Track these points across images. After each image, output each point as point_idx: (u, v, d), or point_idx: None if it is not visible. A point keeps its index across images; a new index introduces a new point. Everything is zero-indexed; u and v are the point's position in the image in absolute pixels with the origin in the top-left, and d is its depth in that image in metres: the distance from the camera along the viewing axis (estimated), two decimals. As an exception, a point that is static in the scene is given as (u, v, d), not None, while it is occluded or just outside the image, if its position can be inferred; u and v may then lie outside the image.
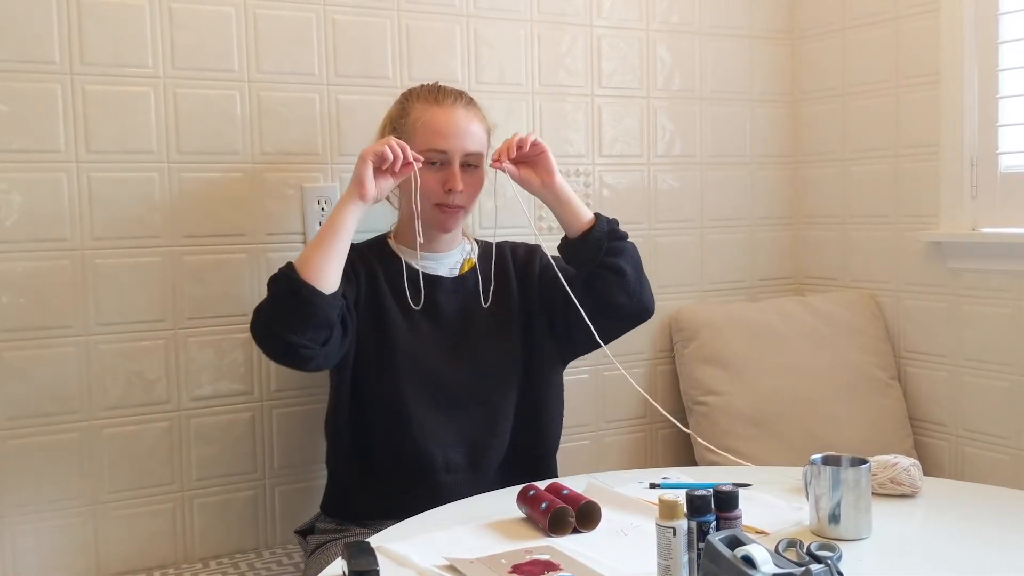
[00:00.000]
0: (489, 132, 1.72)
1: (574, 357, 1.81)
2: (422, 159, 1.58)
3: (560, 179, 1.65)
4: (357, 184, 1.53)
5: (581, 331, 1.65)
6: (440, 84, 1.73)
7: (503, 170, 1.63)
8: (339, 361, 1.60)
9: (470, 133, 1.65)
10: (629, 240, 1.69)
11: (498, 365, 1.69)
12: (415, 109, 1.67)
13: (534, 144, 1.62)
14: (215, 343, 1.82)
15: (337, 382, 1.66)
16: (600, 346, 1.67)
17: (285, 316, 1.47)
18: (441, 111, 1.65)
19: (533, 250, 1.80)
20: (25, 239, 1.66)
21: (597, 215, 1.67)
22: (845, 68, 2.36)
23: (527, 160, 1.65)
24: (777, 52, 2.45)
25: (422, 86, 1.72)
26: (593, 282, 1.65)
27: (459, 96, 1.69)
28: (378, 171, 1.55)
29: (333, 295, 1.49)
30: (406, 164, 1.55)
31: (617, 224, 1.69)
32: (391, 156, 1.53)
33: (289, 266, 1.51)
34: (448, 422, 1.64)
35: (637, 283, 1.67)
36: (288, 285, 1.48)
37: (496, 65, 2.07)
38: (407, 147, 1.56)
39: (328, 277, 1.49)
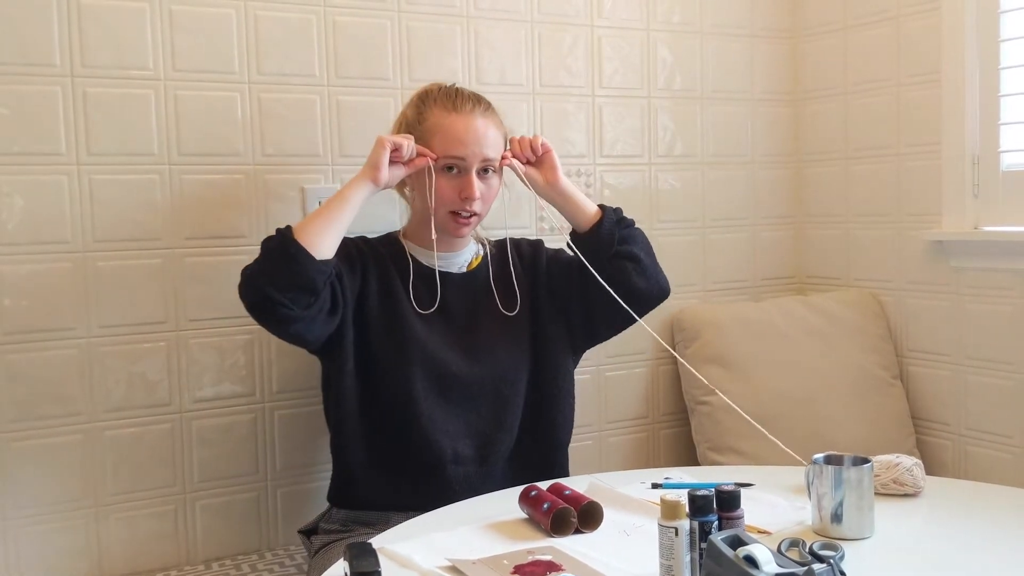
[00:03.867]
0: (506, 137, 1.72)
1: (591, 344, 1.82)
2: (435, 156, 1.62)
3: (563, 176, 1.70)
4: (372, 168, 1.58)
5: (600, 317, 1.72)
6: (458, 87, 1.71)
7: (510, 166, 1.68)
8: (326, 344, 1.59)
9: (488, 140, 1.65)
10: (636, 226, 1.75)
11: (507, 358, 1.70)
12: (432, 114, 1.66)
13: (542, 144, 1.70)
14: (217, 345, 1.82)
15: (338, 373, 1.64)
16: (633, 321, 1.66)
17: (270, 271, 1.49)
18: (460, 119, 1.64)
19: (537, 244, 1.83)
20: (27, 242, 1.67)
21: (602, 206, 1.73)
22: (846, 67, 2.35)
23: (532, 159, 1.71)
24: (778, 51, 2.45)
25: (440, 89, 1.70)
26: (611, 272, 1.67)
27: (477, 102, 1.68)
28: (392, 159, 1.59)
29: (324, 261, 1.51)
30: (419, 156, 1.61)
31: (622, 212, 1.75)
32: (408, 148, 1.59)
33: (287, 228, 1.53)
34: (458, 415, 1.65)
35: (652, 266, 1.73)
36: (280, 242, 1.50)
37: (497, 66, 2.07)
38: (423, 149, 1.63)
39: (322, 244, 1.51)
